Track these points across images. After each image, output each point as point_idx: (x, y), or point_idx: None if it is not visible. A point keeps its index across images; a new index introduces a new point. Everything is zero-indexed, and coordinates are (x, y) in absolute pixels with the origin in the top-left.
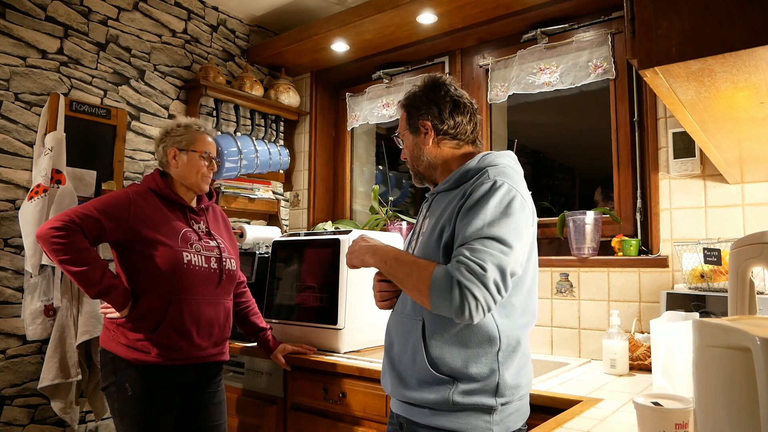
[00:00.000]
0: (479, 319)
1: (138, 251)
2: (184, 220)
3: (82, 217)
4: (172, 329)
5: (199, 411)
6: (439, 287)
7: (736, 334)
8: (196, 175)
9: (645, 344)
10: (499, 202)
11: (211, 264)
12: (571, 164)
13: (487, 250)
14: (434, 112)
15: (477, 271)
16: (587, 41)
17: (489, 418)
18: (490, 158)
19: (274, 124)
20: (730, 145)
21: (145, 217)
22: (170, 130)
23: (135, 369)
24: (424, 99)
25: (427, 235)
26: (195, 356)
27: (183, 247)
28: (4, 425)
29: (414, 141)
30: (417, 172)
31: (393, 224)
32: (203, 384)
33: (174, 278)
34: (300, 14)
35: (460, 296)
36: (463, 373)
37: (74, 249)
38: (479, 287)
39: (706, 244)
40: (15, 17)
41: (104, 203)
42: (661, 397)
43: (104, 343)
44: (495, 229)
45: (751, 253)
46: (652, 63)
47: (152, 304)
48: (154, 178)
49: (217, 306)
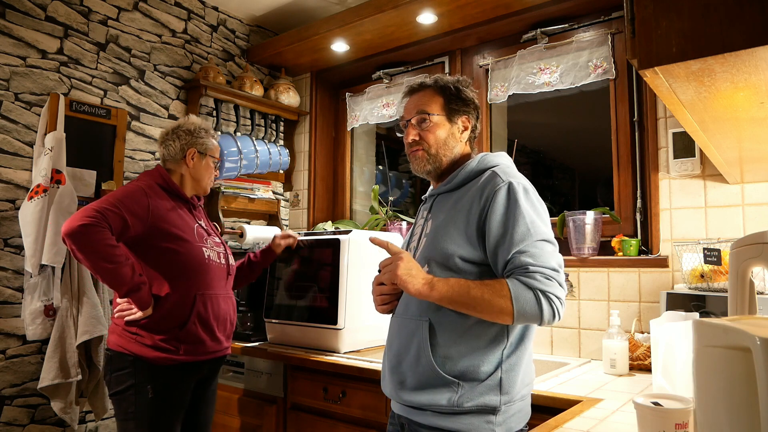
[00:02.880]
0: (564, 314)
1: (158, 247)
2: (191, 216)
3: (106, 213)
4: (198, 325)
5: (203, 406)
6: (525, 300)
7: (736, 334)
8: (209, 178)
9: (645, 344)
10: (525, 201)
11: (221, 259)
12: (571, 164)
13: (545, 252)
14: (473, 114)
15: (551, 274)
16: (587, 41)
17: (492, 419)
18: (489, 159)
19: (274, 124)
20: (730, 145)
21: (162, 213)
22: (193, 130)
23: (158, 369)
24: (465, 97)
25: (431, 236)
26: (215, 350)
27: (200, 242)
28: (4, 425)
29: (450, 131)
30: (436, 161)
31: (393, 224)
32: (211, 378)
33: (198, 274)
34: (300, 14)
35: (548, 303)
36: (470, 372)
37: (104, 245)
38: (558, 287)
39: (706, 244)
40: (15, 17)
41: (123, 198)
42: (661, 397)
43: (120, 345)
44: (539, 230)
45: (751, 253)
46: (652, 63)
47: (177, 300)
48: (160, 173)
49: (228, 300)
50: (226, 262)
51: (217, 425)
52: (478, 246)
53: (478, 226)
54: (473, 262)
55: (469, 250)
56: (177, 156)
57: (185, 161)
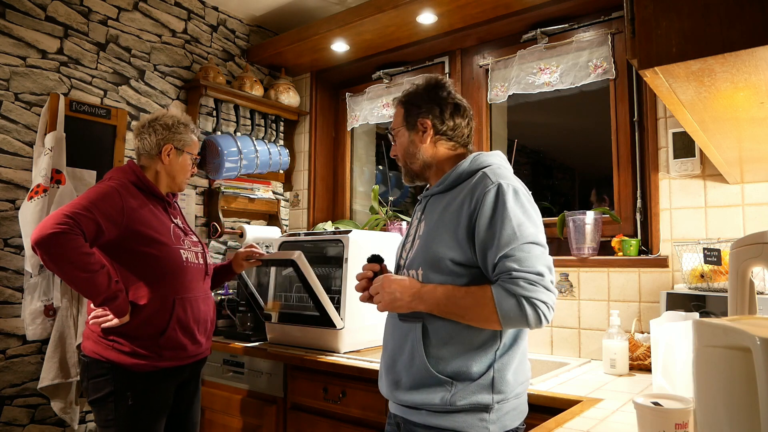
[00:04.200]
0: (552, 318)
1: (134, 251)
2: (165, 215)
3: (79, 218)
4: (178, 330)
5: (187, 408)
6: (508, 308)
7: (736, 334)
8: (184, 176)
9: (645, 344)
10: (514, 203)
11: (199, 259)
12: (571, 164)
13: (530, 255)
14: (435, 112)
15: (535, 279)
16: (587, 41)
17: (485, 417)
18: (481, 159)
19: (274, 124)
20: (730, 145)
21: (137, 214)
22: (171, 124)
23: (138, 376)
24: (425, 97)
25: (424, 238)
26: (195, 353)
27: (177, 243)
28: (4, 425)
29: (410, 138)
30: (409, 170)
31: (393, 224)
32: (193, 381)
33: (176, 277)
34: (300, 14)
35: (532, 308)
36: (463, 372)
37: (79, 254)
38: (544, 292)
39: (706, 244)
40: (15, 17)
41: (96, 201)
42: (661, 397)
43: (96, 352)
44: (525, 232)
45: (751, 253)
46: (652, 63)
47: (156, 306)
48: (133, 169)
49: (208, 301)
50: (204, 261)
51: (217, 425)
52: (468, 249)
53: (468, 228)
54: (464, 264)
55: (459, 252)
56: (152, 151)
57: (160, 157)
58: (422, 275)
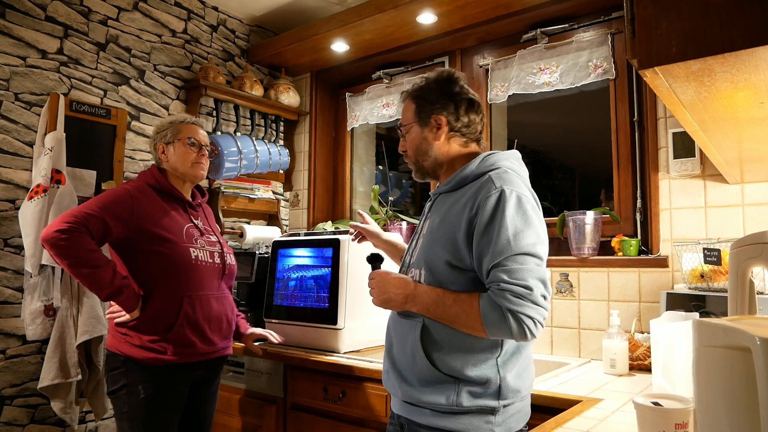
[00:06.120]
0: (540, 333)
1: (143, 249)
2: (185, 215)
3: (87, 217)
4: (186, 326)
5: (202, 406)
6: (492, 321)
7: (736, 334)
8: (187, 162)
9: (645, 344)
10: (514, 212)
11: (215, 259)
12: (571, 164)
13: (522, 267)
14: (450, 108)
15: (522, 292)
16: (587, 41)
17: (491, 419)
18: (491, 160)
19: (274, 124)
20: (730, 145)
21: (148, 214)
22: (160, 128)
23: (149, 370)
24: (438, 92)
25: (427, 236)
26: (207, 351)
27: (189, 242)
28: (4, 425)
29: (422, 135)
30: (420, 167)
31: (393, 224)
32: (209, 379)
33: (184, 275)
34: (300, 14)
35: (516, 322)
36: (464, 375)
37: (83, 250)
38: (531, 306)
39: (706, 244)
40: (15, 17)
41: (106, 201)
42: (661, 397)
43: (113, 346)
44: (521, 242)
45: (751, 253)
46: (652, 63)
47: (164, 302)
48: (152, 173)
49: (224, 300)
50: (221, 261)
51: (217, 425)
52: (466, 253)
53: (468, 233)
54: (461, 268)
55: (456, 256)
56: (156, 156)
57: (162, 158)
58: (424, 275)
